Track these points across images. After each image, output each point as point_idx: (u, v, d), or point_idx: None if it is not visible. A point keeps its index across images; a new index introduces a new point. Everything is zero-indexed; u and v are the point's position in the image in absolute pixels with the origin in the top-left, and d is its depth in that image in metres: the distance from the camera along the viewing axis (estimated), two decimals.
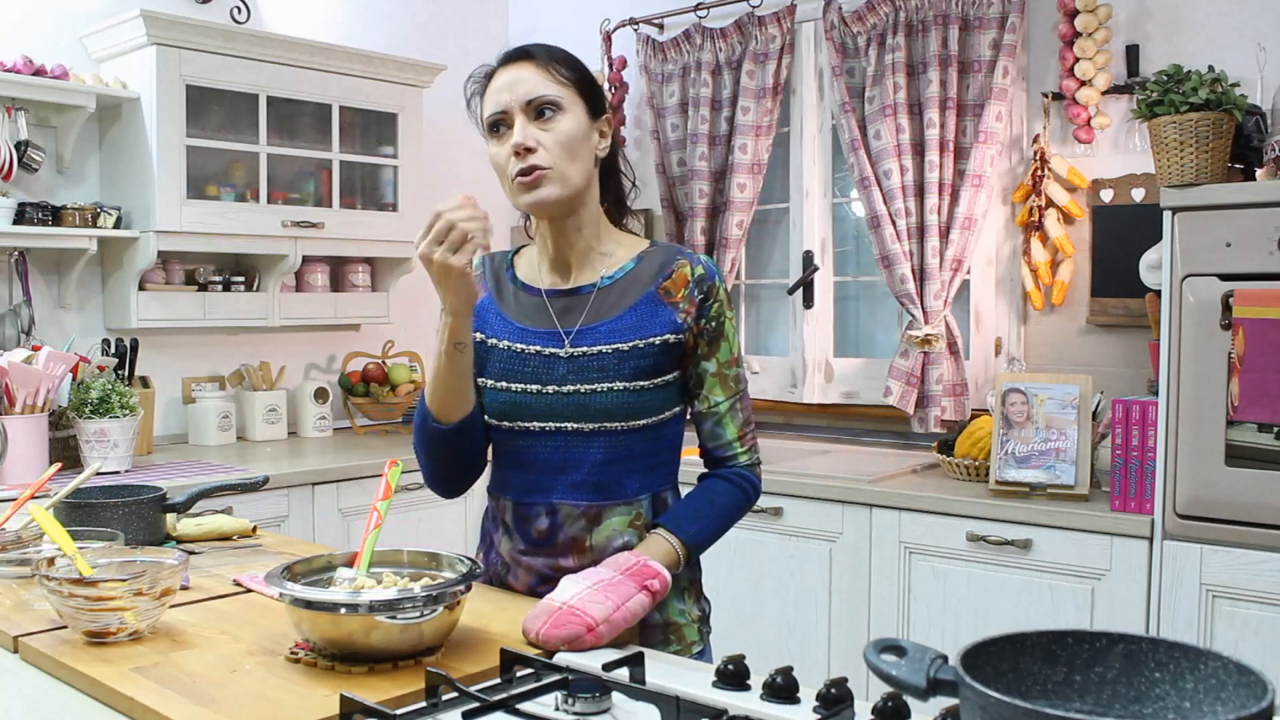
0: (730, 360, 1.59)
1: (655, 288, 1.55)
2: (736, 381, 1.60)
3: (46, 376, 2.84)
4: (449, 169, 4.30)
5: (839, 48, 3.43)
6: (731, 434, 1.60)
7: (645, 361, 1.52)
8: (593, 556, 1.52)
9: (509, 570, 1.59)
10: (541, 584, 1.54)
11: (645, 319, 1.53)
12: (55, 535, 1.41)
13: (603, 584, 1.33)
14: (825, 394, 3.67)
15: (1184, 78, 2.42)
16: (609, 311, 1.54)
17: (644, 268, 1.57)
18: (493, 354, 1.58)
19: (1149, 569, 2.41)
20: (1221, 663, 0.84)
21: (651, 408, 1.54)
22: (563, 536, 1.55)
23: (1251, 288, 2.25)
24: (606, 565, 1.41)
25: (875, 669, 0.90)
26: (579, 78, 1.53)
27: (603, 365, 1.51)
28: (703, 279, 1.56)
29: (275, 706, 1.12)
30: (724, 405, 1.59)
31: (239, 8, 3.69)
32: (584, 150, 1.52)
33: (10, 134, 3.09)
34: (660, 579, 1.36)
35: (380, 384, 3.97)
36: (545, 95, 1.49)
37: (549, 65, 1.51)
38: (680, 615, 1.58)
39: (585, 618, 1.22)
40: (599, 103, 1.56)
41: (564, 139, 1.49)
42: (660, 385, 1.54)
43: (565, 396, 1.52)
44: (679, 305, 1.54)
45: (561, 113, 1.50)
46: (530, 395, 1.54)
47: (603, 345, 1.52)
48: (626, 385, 1.51)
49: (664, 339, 1.53)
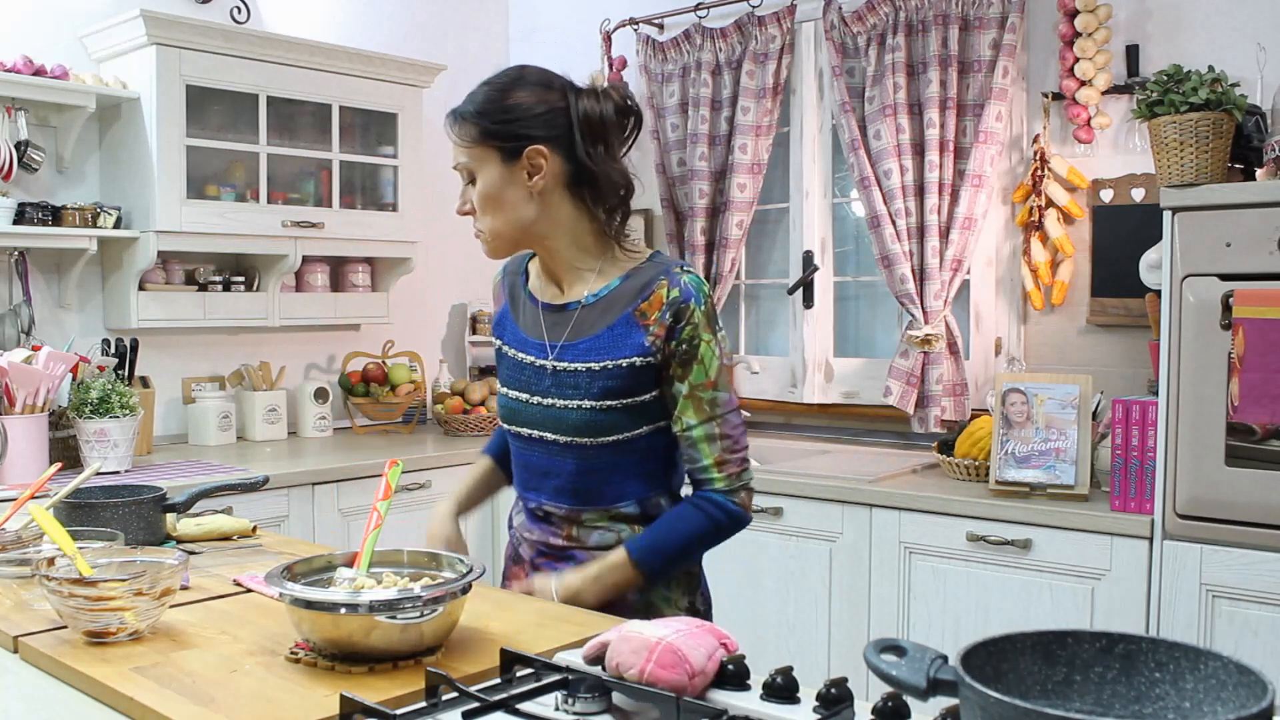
0: (705, 384, 1.56)
1: (633, 309, 1.56)
2: (713, 405, 1.56)
3: (46, 376, 2.84)
4: (449, 169, 4.29)
5: (839, 48, 3.43)
6: (707, 459, 1.57)
7: (614, 383, 1.55)
8: (578, 538, 1.63)
9: (520, 543, 1.72)
10: (540, 556, 1.67)
11: (619, 340, 1.56)
12: (55, 535, 1.41)
13: (687, 631, 1.22)
14: (825, 394, 3.67)
15: (1184, 78, 2.42)
16: (590, 329, 1.58)
17: (627, 286, 1.59)
18: (504, 360, 1.69)
19: (1149, 569, 2.41)
20: (1221, 663, 0.84)
21: (622, 425, 1.57)
22: (554, 522, 1.66)
23: (1251, 288, 2.24)
24: (676, 620, 1.28)
25: (875, 669, 0.90)
26: (480, 133, 1.56)
27: (577, 383, 1.57)
28: (676, 300, 1.55)
29: (275, 706, 1.12)
30: (697, 430, 1.56)
31: (239, 8, 3.69)
32: (508, 198, 1.57)
33: (10, 134, 3.09)
34: (731, 642, 1.26)
35: (380, 384, 3.97)
36: (458, 163, 1.60)
37: (456, 130, 1.59)
38: (664, 601, 1.63)
39: (688, 664, 1.14)
40: (515, 142, 1.55)
41: (481, 200, 1.59)
42: (632, 405, 1.57)
43: (545, 409, 1.59)
44: (649, 328, 1.55)
45: (477, 174, 1.58)
46: (520, 403, 1.64)
47: (579, 363, 1.57)
48: (595, 404, 1.55)
49: (631, 362, 1.55)
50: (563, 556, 1.65)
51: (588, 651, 1.21)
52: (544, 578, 1.63)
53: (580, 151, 1.56)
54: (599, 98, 1.57)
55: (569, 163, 1.57)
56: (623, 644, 1.17)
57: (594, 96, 1.57)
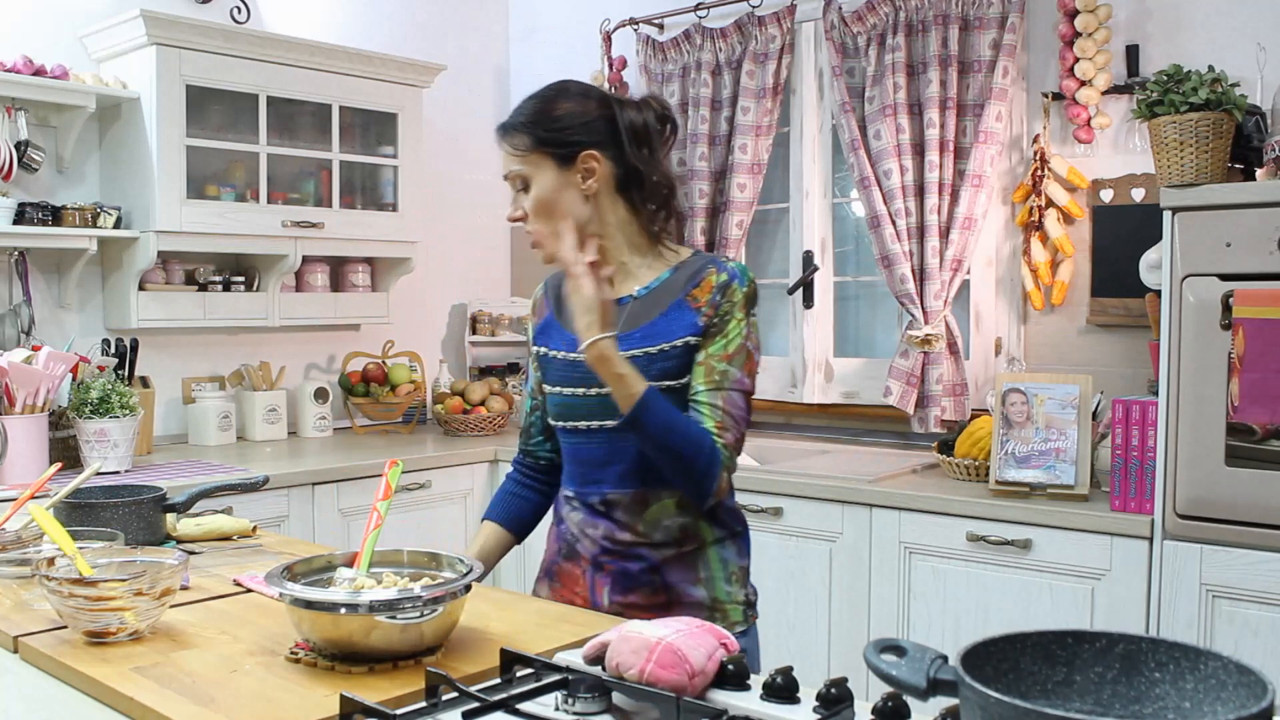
0: (721, 355, 1.63)
1: (684, 295, 1.66)
2: (723, 377, 1.62)
3: (46, 376, 2.84)
4: (449, 169, 4.30)
5: (839, 48, 3.43)
6: (708, 424, 1.60)
7: (670, 363, 1.63)
8: (645, 533, 1.66)
9: (577, 540, 1.73)
10: (603, 554, 1.68)
11: (672, 323, 1.65)
12: (55, 535, 1.41)
13: (687, 631, 1.23)
14: (825, 394, 3.67)
15: (1184, 78, 2.42)
16: (643, 319, 1.67)
17: (677, 277, 1.68)
18: (553, 364, 1.74)
19: (1149, 569, 2.41)
20: (1221, 663, 0.84)
21: (680, 405, 1.63)
22: (618, 516, 1.67)
23: (1251, 288, 2.24)
24: (677, 620, 1.30)
25: (875, 669, 0.90)
26: (536, 141, 1.64)
27: (634, 368, 1.60)
28: (724, 283, 1.66)
29: (275, 706, 1.12)
30: (702, 394, 1.62)
31: (239, 8, 3.69)
32: (562, 203, 1.64)
33: (10, 134, 3.09)
34: (731, 643, 1.27)
35: (380, 384, 3.97)
36: (511, 171, 1.66)
37: (509, 140, 1.66)
38: (726, 597, 1.70)
39: (688, 664, 1.14)
40: (568, 148, 1.64)
41: (536, 206, 1.65)
42: (685, 385, 1.64)
43: (605, 398, 1.61)
44: (700, 310, 1.65)
45: (532, 181, 1.65)
46: (579, 397, 1.69)
47: (634, 350, 1.63)
48: (653, 385, 1.58)
49: (686, 341, 1.64)
50: (629, 554, 1.67)
51: (588, 651, 1.21)
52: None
53: (629, 155, 1.66)
54: (640, 107, 1.70)
55: (618, 166, 1.67)
56: (623, 644, 1.17)
57: (636, 106, 1.70)
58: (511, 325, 4.36)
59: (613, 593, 1.67)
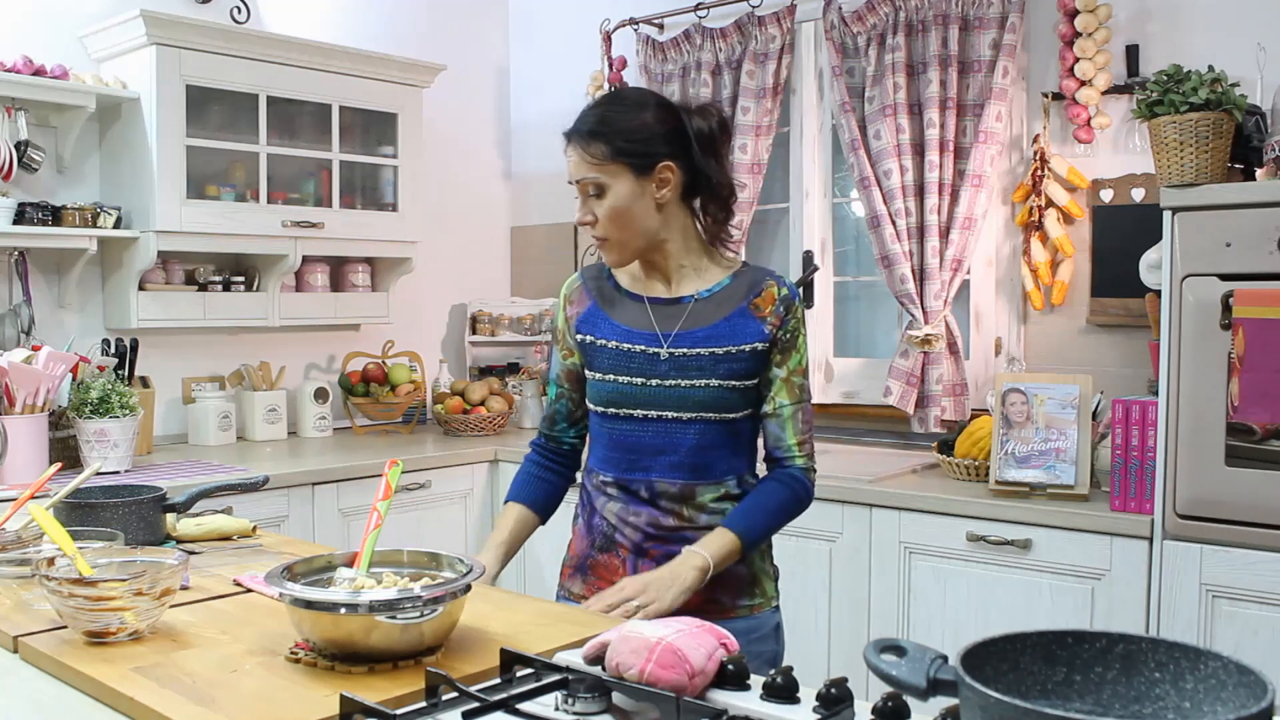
0: (799, 370, 1.77)
1: (747, 303, 1.76)
2: (801, 390, 1.77)
3: (46, 376, 2.84)
4: (449, 169, 4.30)
5: (839, 48, 3.43)
6: (791, 438, 1.77)
7: (738, 365, 1.73)
8: (689, 518, 1.74)
9: (615, 530, 1.78)
10: (647, 540, 1.75)
11: (738, 329, 1.74)
12: (55, 535, 1.41)
13: (687, 631, 1.23)
14: (825, 394, 3.67)
15: (1184, 78, 2.42)
16: (706, 320, 1.75)
17: (737, 285, 1.77)
18: (602, 352, 1.79)
19: (1149, 569, 2.41)
20: (1221, 663, 0.84)
21: (739, 405, 1.75)
22: (663, 504, 1.75)
23: (1251, 288, 2.24)
24: (677, 620, 1.31)
25: (875, 669, 0.90)
26: (614, 151, 1.68)
27: (700, 365, 1.72)
28: (786, 298, 1.77)
29: (275, 706, 1.12)
30: (788, 409, 1.76)
31: (239, 8, 3.69)
32: (637, 211, 1.70)
33: (10, 134, 3.09)
34: (731, 643, 1.29)
35: (380, 384, 3.97)
36: (587, 178, 1.70)
37: (586, 148, 1.69)
38: (763, 571, 1.81)
39: (688, 664, 1.14)
40: (648, 158, 1.69)
41: (611, 213, 1.70)
42: (748, 387, 1.75)
43: (668, 389, 1.72)
44: (766, 320, 1.74)
45: (606, 189, 1.69)
46: (635, 386, 1.75)
47: (700, 348, 1.73)
48: (721, 383, 1.72)
49: (754, 347, 1.73)
50: (674, 539, 1.73)
51: (588, 651, 1.21)
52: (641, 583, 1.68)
53: (699, 163, 1.73)
54: (705, 115, 1.75)
55: (687, 174, 1.73)
56: (623, 644, 1.17)
57: (702, 114, 1.75)
58: (511, 325, 4.36)
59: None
